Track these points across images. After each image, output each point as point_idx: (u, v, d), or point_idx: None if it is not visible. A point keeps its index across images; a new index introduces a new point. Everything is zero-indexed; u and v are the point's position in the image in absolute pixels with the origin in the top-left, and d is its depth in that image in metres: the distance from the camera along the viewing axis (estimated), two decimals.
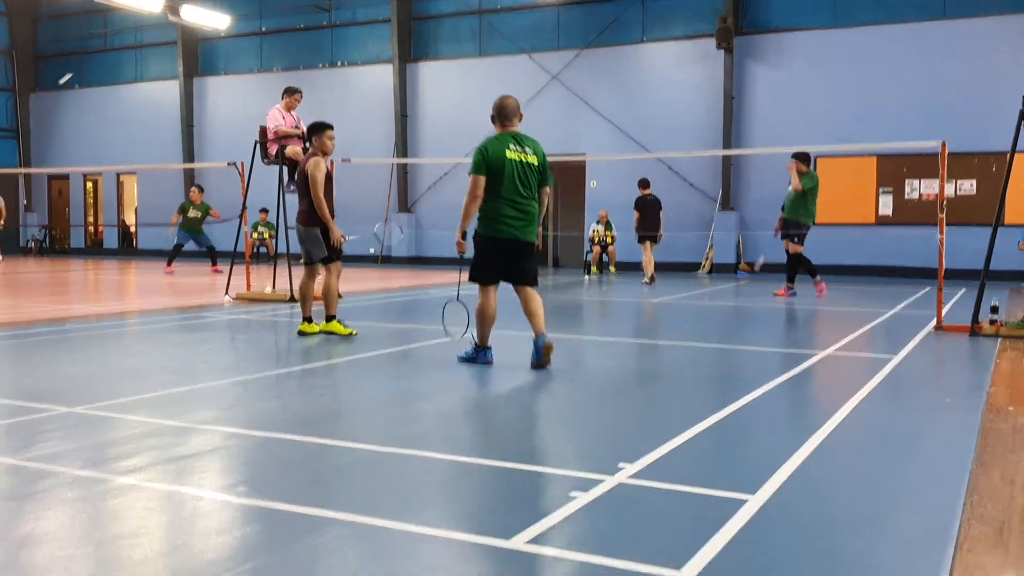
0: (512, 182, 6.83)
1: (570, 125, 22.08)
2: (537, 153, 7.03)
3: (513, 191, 6.85)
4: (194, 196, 20.25)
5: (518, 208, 6.89)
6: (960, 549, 3.15)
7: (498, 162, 6.80)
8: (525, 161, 6.90)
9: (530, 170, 6.93)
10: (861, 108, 19.13)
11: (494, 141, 6.92)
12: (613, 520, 3.46)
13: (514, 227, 6.91)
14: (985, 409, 5.55)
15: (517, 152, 6.88)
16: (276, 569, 2.94)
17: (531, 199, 6.95)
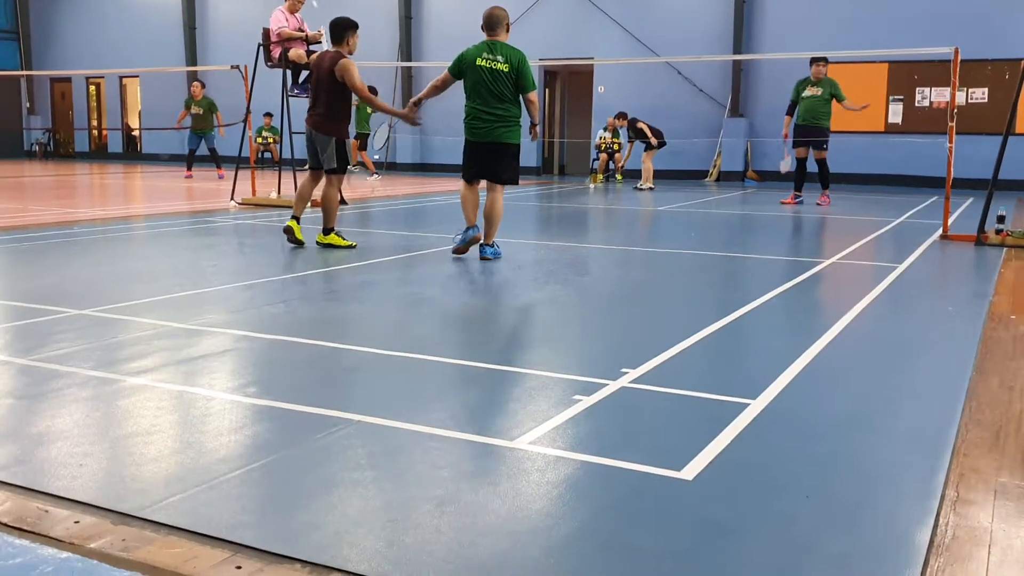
0: (477, 88, 7.61)
1: (578, 28, 21.66)
2: (509, 61, 7.56)
3: (479, 96, 7.63)
4: (195, 91, 19.92)
5: (485, 111, 7.63)
6: (957, 453, 3.21)
7: (468, 68, 7.64)
8: (495, 68, 7.55)
9: (500, 76, 7.56)
10: (873, 14, 18.71)
11: (472, 48, 7.68)
12: (615, 423, 3.53)
13: (480, 129, 7.69)
14: (987, 317, 5.58)
15: (488, 60, 7.56)
16: (287, 466, 3.01)
17: (500, 103, 7.62)
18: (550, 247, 9.07)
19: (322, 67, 8.20)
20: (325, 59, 8.22)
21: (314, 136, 8.24)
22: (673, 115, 20.75)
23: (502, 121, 7.63)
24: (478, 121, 7.66)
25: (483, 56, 7.56)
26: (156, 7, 27.40)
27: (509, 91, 7.59)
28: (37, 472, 2.94)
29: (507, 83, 7.56)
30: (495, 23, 7.65)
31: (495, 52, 7.56)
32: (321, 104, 8.19)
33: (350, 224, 10.84)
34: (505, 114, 7.62)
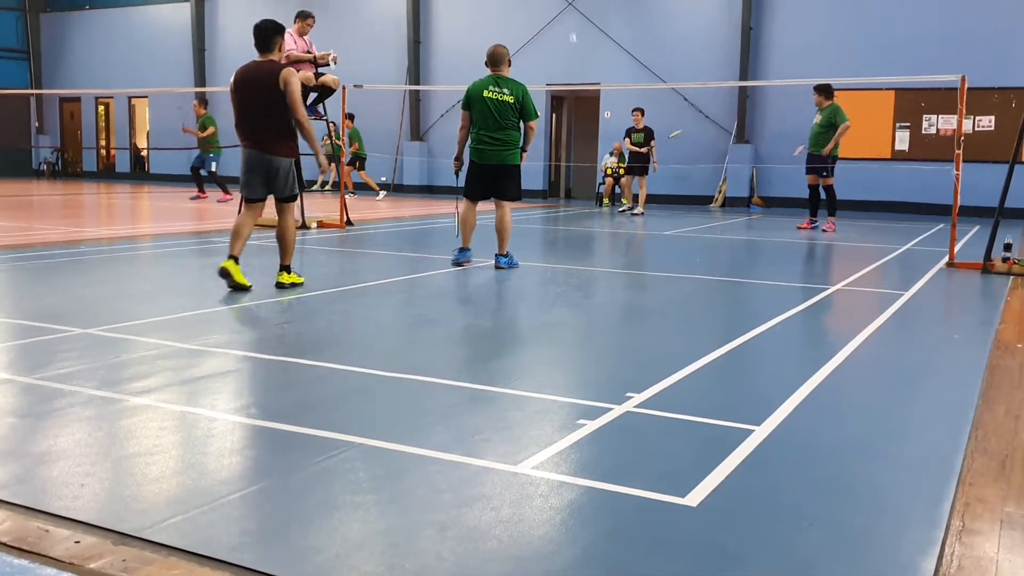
0: (485, 117, 8.40)
1: (585, 53, 21.76)
2: (514, 93, 8.42)
3: (485, 124, 8.42)
4: (195, 110, 19.27)
5: (491, 137, 8.43)
6: (963, 482, 3.19)
7: (475, 100, 8.43)
8: (501, 100, 8.38)
9: (505, 107, 8.38)
10: (880, 41, 18.77)
11: (477, 82, 8.53)
12: (620, 447, 3.51)
13: (485, 152, 8.48)
14: (993, 346, 5.56)
15: (494, 92, 8.39)
16: (288, 488, 3.00)
17: (504, 131, 8.43)
18: (556, 270, 9.08)
19: (257, 79, 6.88)
20: (262, 70, 6.91)
21: (266, 162, 6.91)
22: (679, 140, 20.77)
23: (506, 146, 8.51)
24: (484, 146, 8.50)
25: (489, 88, 8.41)
26: (166, 29, 27.60)
27: (513, 119, 8.47)
28: (38, 491, 2.93)
29: (512, 112, 8.43)
30: (498, 59, 8.56)
31: (501, 85, 8.43)
32: (266, 122, 6.89)
33: (356, 246, 10.87)
34: (508, 139, 8.51)
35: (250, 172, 6.96)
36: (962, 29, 18.15)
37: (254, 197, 7.07)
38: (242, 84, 6.93)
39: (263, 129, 6.89)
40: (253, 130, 6.90)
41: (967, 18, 18.17)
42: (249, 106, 6.88)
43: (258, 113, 6.86)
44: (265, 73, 6.87)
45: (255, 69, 6.94)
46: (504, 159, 8.52)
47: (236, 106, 6.96)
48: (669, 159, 20.68)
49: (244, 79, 6.94)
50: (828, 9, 19.48)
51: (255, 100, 6.85)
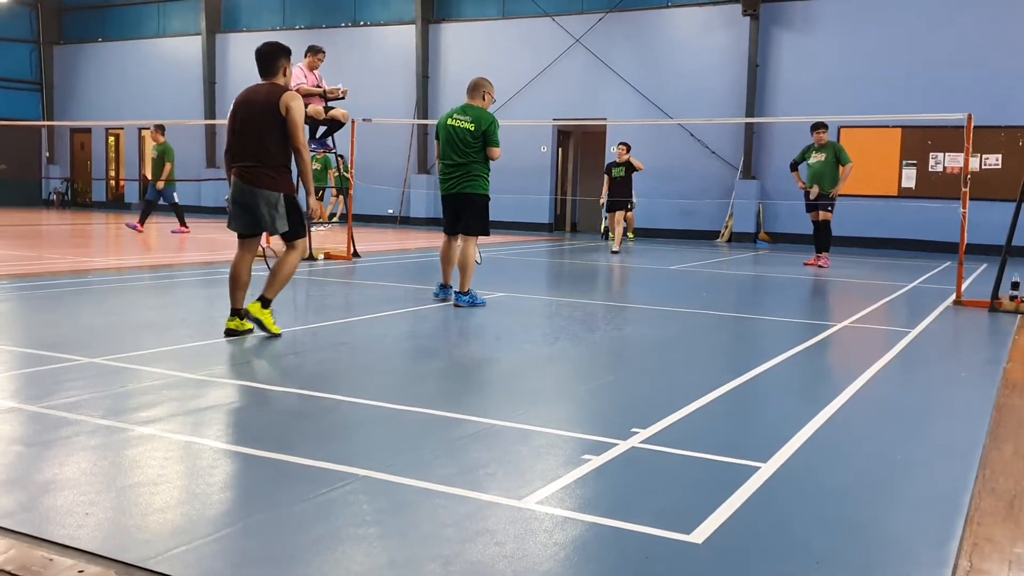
0: (446, 145, 8.20)
1: (592, 89, 21.91)
2: (476, 121, 8.10)
3: (445, 153, 8.23)
4: (152, 136, 18.38)
5: (449, 166, 8.21)
6: (970, 521, 3.17)
7: (440, 128, 8.30)
8: (459, 126, 8.12)
9: (464, 133, 8.10)
10: (887, 79, 18.88)
11: (447, 111, 8.36)
12: (625, 483, 3.50)
13: (445, 182, 8.27)
14: (1001, 384, 5.54)
15: (456, 120, 8.16)
16: (292, 520, 2.99)
17: (463, 158, 8.13)
18: (561, 303, 9.08)
19: (255, 104, 6.34)
20: (260, 93, 6.39)
21: (248, 193, 6.28)
22: (685, 176, 20.89)
23: (466, 175, 8.17)
24: (444, 175, 8.29)
25: (453, 116, 8.21)
26: (177, 61, 27.87)
27: (473, 147, 8.12)
28: (42, 520, 2.92)
29: (472, 141, 8.10)
30: (473, 89, 8.33)
31: (466, 113, 8.17)
32: (257, 150, 6.26)
33: (362, 277, 10.89)
34: (469, 170, 8.16)
35: (235, 203, 6.39)
36: (969, 67, 18.26)
37: (237, 231, 6.48)
38: (241, 106, 6.38)
39: (252, 156, 6.25)
40: (241, 157, 6.29)
41: (974, 57, 18.28)
42: (242, 129, 6.30)
43: (250, 138, 6.26)
44: (265, 95, 6.33)
45: (256, 92, 6.43)
46: (464, 189, 8.18)
47: (229, 129, 6.41)
48: (674, 194, 20.78)
49: (244, 103, 6.39)
50: (835, 47, 19.62)
51: (250, 124, 6.28)
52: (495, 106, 8.61)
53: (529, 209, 22.51)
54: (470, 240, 8.25)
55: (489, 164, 8.29)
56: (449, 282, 8.51)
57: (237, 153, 6.34)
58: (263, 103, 6.29)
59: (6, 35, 29.41)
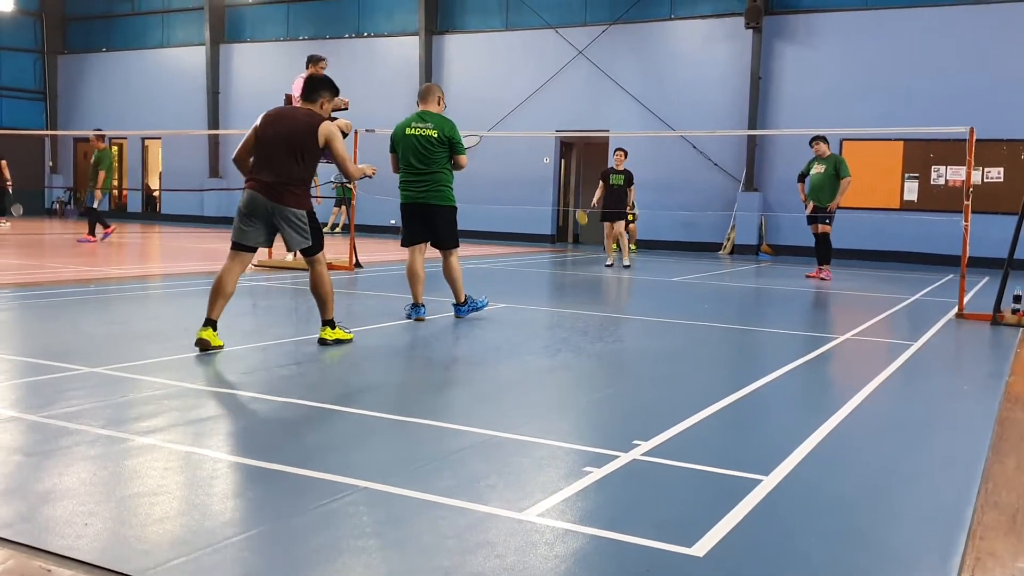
0: (407, 155, 7.91)
1: (594, 101, 21.96)
2: (439, 127, 7.83)
3: (407, 163, 7.93)
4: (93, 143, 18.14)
5: (413, 175, 7.91)
6: (973, 535, 3.15)
7: (399, 139, 7.97)
8: (422, 135, 7.84)
9: (427, 142, 7.82)
10: (889, 92, 18.91)
11: (402, 121, 8.07)
12: (626, 496, 3.48)
13: (409, 191, 7.96)
14: (1003, 398, 5.52)
15: (416, 128, 7.88)
16: (292, 531, 2.98)
17: (428, 167, 7.86)
18: (562, 314, 9.07)
19: (293, 123, 6.33)
20: (301, 116, 6.39)
21: (272, 210, 6.24)
22: (687, 188, 20.91)
23: (432, 185, 7.89)
24: (409, 186, 7.96)
25: (412, 125, 7.91)
26: (181, 72, 27.95)
27: (438, 155, 7.85)
28: (41, 530, 2.91)
29: (437, 148, 7.83)
30: (427, 94, 8.06)
31: (425, 120, 7.89)
32: (288, 170, 6.25)
33: (364, 288, 10.90)
34: (434, 179, 7.89)
35: (250, 216, 6.26)
36: (971, 81, 18.29)
37: (243, 243, 6.33)
38: (275, 122, 6.33)
39: (278, 172, 6.20)
40: (267, 173, 6.23)
41: (976, 70, 18.31)
42: (272, 145, 6.25)
43: (282, 158, 6.21)
44: (304, 120, 6.32)
45: (294, 113, 6.45)
46: (432, 200, 7.89)
47: (256, 143, 6.33)
48: (676, 205, 20.79)
49: (278, 118, 6.37)
50: (837, 59, 19.66)
51: (283, 144, 6.22)
52: (497, 116, 8.55)
53: (531, 220, 22.52)
54: (451, 254, 8.04)
55: (453, 173, 8.01)
56: (421, 300, 8.05)
57: (260, 166, 6.28)
58: (302, 125, 6.30)
59: (11, 45, 29.51)
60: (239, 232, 6.33)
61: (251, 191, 6.27)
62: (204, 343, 6.10)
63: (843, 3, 19.78)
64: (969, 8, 18.55)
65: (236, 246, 6.36)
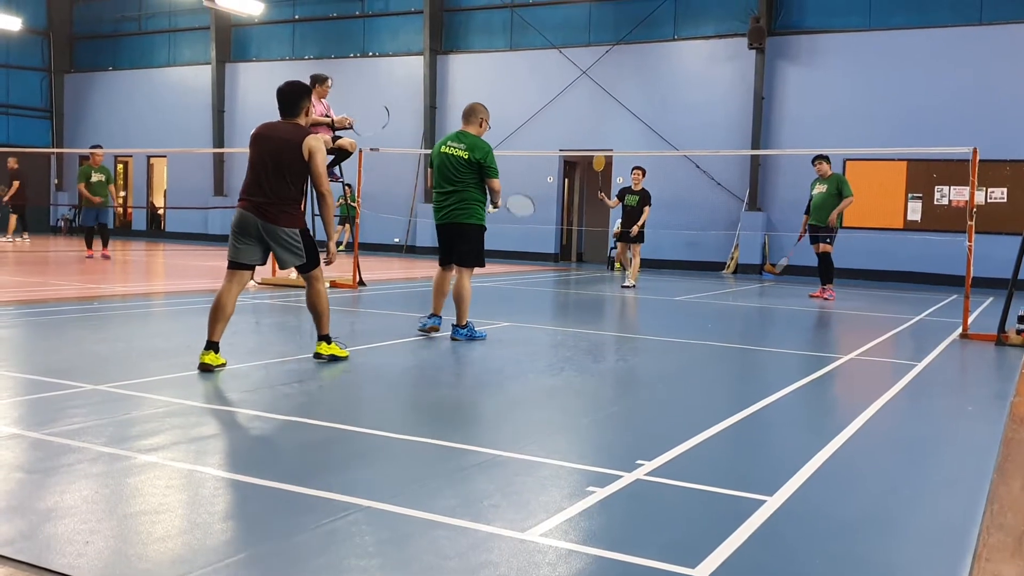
0: (439, 173, 7.97)
1: (598, 120, 22.03)
2: (471, 149, 7.85)
3: (438, 181, 8.01)
4: (97, 159, 18.40)
5: (440, 194, 7.99)
6: (978, 558, 3.13)
7: (435, 156, 8.06)
8: (453, 154, 7.88)
9: (458, 162, 7.86)
10: (892, 112, 18.96)
11: (443, 138, 8.16)
12: (629, 516, 3.47)
13: (439, 212, 8.04)
14: (1008, 419, 5.50)
15: (450, 147, 7.92)
16: (294, 550, 2.97)
17: (454, 186, 7.89)
18: (566, 333, 9.06)
19: (278, 139, 6.27)
20: (285, 131, 6.32)
21: (263, 230, 6.22)
22: (691, 207, 20.94)
23: (459, 203, 7.90)
24: (437, 204, 8.05)
25: (448, 144, 7.96)
26: (187, 90, 28.09)
27: (467, 175, 7.86)
28: (43, 548, 2.90)
29: (466, 169, 7.85)
30: (469, 115, 8.10)
31: (459, 141, 7.93)
32: (276, 186, 6.21)
33: (368, 306, 10.90)
34: (461, 198, 7.89)
35: (243, 235, 6.25)
36: (975, 101, 18.33)
37: (239, 261, 6.29)
38: (261, 140, 6.32)
39: (269, 192, 6.19)
40: (256, 191, 6.22)
41: (980, 90, 18.36)
42: (261, 166, 6.23)
43: (269, 175, 6.19)
44: (288, 135, 6.26)
45: (278, 128, 6.37)
46: (456, 218, 7.91)
47: (249, 161, 6.34)
48: (680, 225, 20.79)
49: (264, 136, 6.34)
50: (840, 80, 19.71)
51: (270, 160, 6.21)
52: (501, 135, 8.52)
53: (535, 239, 22.55)
54: (465, 272, 8.03)
55: (484, 193, 7.98)
56: (439, 312, 8.20)
57: (251, 186, 6.27)
58: (285, 142, 6.23)
59: (18, 63, 29.69)
60: (234, 251, 6.31)
61: (242, 211, 6.25)
62: (207, 367, 6.05)
63: (846, 24, 19.86)
64: (973, 29, 18.62)
65: (232, 265, 6.34)
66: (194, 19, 27.94)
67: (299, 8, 26.58)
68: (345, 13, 25.85)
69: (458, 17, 24.34)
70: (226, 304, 6.23)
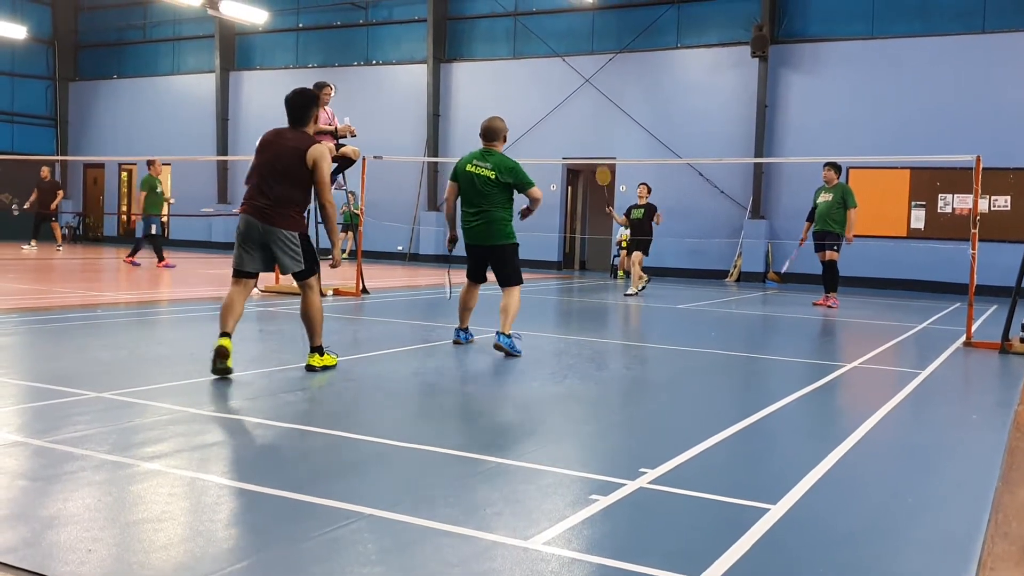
0: (467, 192, 7.84)
1: (601, 129, 22.06)
2: (496, 168, 7.75)
3: (467, 200, 7.86)
4: (158, 169, 18.86)
5: (473, 213, 7.83)
6: (983, 566, 3.12)
7: (460, 174, 7.89)
8: (480, 174, 7.75)
9: (484, 182, 7.74)
10: (896, 120, 18.96)
11: (466, 156, 7.98)
12: (632, 525, 3.46)
13: (471, 232, 7.89)
14: (1012, 427, 5.49)
15: (476, 166, 7.79)
16: (296, 559, 2.96)
17: (484, 207, 7.77)
18: (569, 341, 9.06)
19: (281, 147, 6.35)
20: (291, 138, 6.39)
21: (264, 232, 6.29)
22: (694, 215, 20.94)
23: (489, 225, 7.80)
24: (469, 225, 7.89)
25: (473, 163, 7.82)
26: (191, 98, 28.16)
27: (494, 195, 7.77)
28: (45, 556, 2.90)
29: (494, 189, 7.75)
30: (491, 134, 7.93)
31: (485, 159, 7.80)
32: (280, 192, 6.28)
33: (370, 314, 10.90)
34: (491, 218, 7.78)
35: (245, 242, 6.34)
36: (978, 109, 18.33)
37: (243, 270, 6.37)
38: (268, 146, 6.40)
39: (272, 198, 6.26)
40: (261, 197, 6.28)
41: (983, 98, 18.35)
42: (266, 171, 6.31)
43: (274, 181, 6.27)
44: (294, 143, 6.33)
45: (285, 135, 6.43)
46: (490, 241, 7.83)
47: (253, 166, 6.42)
48: (683, 232, 20.80)
49: (271, 142, 6.42)
50: (843, 88, 19.72)
51: (275, 166, 6.29)
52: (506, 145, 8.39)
53: (538, 247, 22.55)
54: (513, 290, 7.91)
55: (512, 208, 7.91)
56: (467, 325, 8.25)
57: (254, 192, 6.33)
58: (292, 150, 6.31)
59: (23, 71, 29.77)
60: (238, 259, 6.38)
61: (245, 215, 6.33)
62: (222, 349, 6.08)
63: (849, 32, 19.87)
64: (976, 37, 18.63)
65: (237, 273, 6.41)
66: (198, 27, 28.02)
67: (303, 16, 26.65)
68: (349, 21, 25.92)
69: (461, 25, 24.39)
70: (235, 305, 6.34)
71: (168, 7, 27.07)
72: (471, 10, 24.23)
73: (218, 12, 22.99)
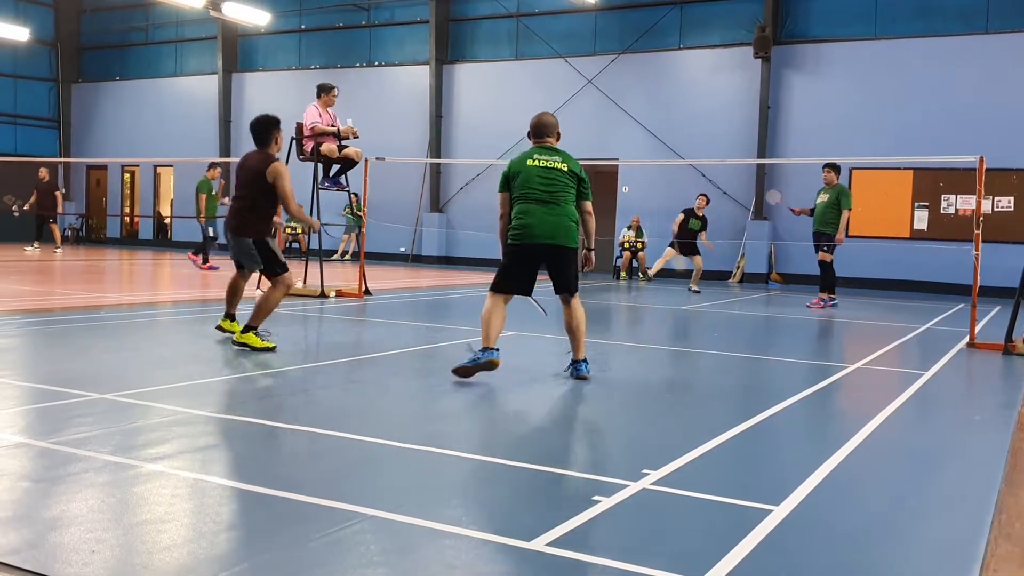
0: (531, 187, 6.58)
1: (604, 130, 22.05)
2: (568, 162, 6.72)
3: (528, 198, 6.58)
4: (215, 173, 19.20)
5: (539, 208, 6.54)
6: (986, 568, 3.12)
7: (518, 173, 6.67)
8: (550, 166, 6.62)
9: (558, 175, 6.60)
10: (898, 121, 18.94)
11: (518, 156, 6.83)
12: (635, 526, 3.46)
13: (533, 230, 6.54)
14: (1016, 428, 5.48)
15: (540, 160, 6.67)
16: (299, 560, 2.96)
17: (557, 204, 6.56)
18: None
19: (249, 166, 7.54)
20: (254, 159, 7.54)
21: (233, 240, 7.59)
22: None
23: (560, 220, 6.55)
24: (527, 222, 6.53)
25: (534, 157, 6.68)
26: (194, 100, 28.19)
27: (568, 190, 6.64)
28: (48, 557, 2.90)
29: (566, 183, 6.63)
30: (545, 130, 6.85)
31: (549, 154, 6.73)
32: (247, 206, 7.51)
33: (373, 315, 10.90)
34: (564, 213, 6.57)
35: (229, 246, 7.77)
36: (981, 110, 18.30)
37: (236, 260, 7.88)
38: (240, 168, 7.67)
39: (241, 211, 7.53)
40: (233, 208, 7.66)
41: (986, 99, 18.34)
42: (239, 187, 7.59)
43: (244, 197, 7.53)
44: (256, 163, 7.49)
45: (250, 158, 7.63)
46: (558, 238, 6.51)
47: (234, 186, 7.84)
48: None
49: (242, 164, 7.69)
50: (846, 89, 19.71)
51: (244, 184, 7.53)
52: (506, 144, 8.30)
53: None
54: (576, 302, 6.80)
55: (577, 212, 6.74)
56: (493, 344, 6.49)
57: (235, 207, 7.64)
58: (254, 170, 7.48)
59: (26, 73, 29.82)
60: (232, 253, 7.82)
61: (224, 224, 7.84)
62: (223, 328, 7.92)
63: (852, 33, 19.86)
64: (979, 37, 18.61)
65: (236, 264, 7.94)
66: (201, 29, 28.05)
67: (305, 18, 26.67)
68: (351, 23, 25.94)
69: (464, 27, 24.40)
70: (237, 285, 7.97)
71: (171, 9, 27.11)
72: (473, 11, 24.24)
73: (220, 14, 23.02)
